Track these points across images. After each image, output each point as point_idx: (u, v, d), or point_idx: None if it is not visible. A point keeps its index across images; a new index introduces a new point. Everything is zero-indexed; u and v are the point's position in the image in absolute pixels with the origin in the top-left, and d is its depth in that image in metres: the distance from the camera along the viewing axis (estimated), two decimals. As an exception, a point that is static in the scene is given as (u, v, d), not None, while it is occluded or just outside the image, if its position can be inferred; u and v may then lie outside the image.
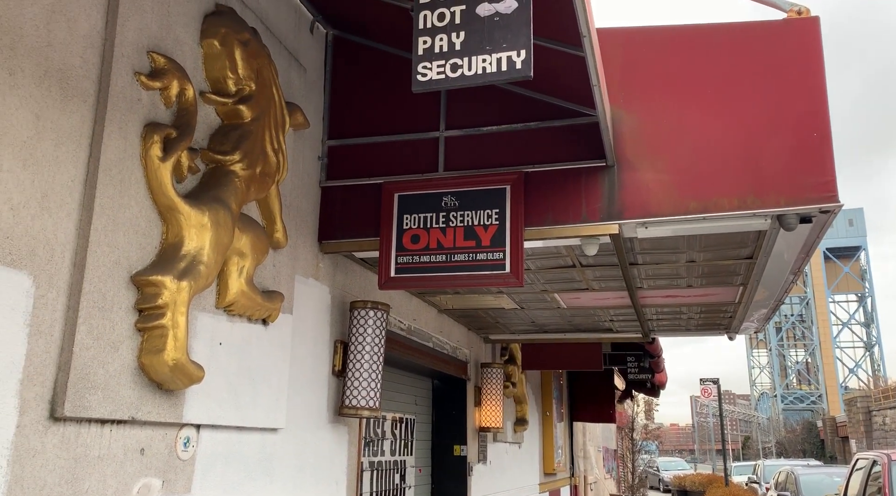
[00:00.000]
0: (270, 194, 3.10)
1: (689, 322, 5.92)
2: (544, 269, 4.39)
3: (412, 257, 3.55)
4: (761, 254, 3.79)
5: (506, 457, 7.40)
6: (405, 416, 5.58)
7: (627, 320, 5.89)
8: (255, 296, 2.89)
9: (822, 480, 11.89)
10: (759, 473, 18.55)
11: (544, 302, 5.26)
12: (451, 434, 6.11)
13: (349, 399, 3.69)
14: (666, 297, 4.98)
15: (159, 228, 2.45)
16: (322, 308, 3.76)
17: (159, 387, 2.34)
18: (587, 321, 6.03)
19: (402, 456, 5.46)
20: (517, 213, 3.45)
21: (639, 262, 4.15)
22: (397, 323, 4.76)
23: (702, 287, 4.63)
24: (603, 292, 4.88)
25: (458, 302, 5.38)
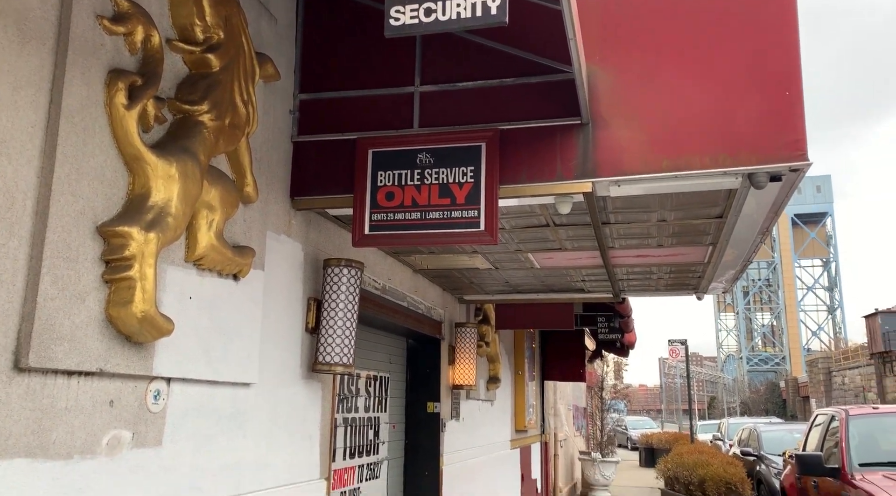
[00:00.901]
0: (240, 147, 3.04)
1: (658, 282, 6.01)
2: (518, 229, 4.40)
3: (386, 215, 3.53)
4: (731, 214, 3.84)
5: (478, 414, 7.52)
6: (379, 374, 5.62)
7: (599, 280, 5.96)
8: (226, 251, 2.85)
9: (783, 436, 12.32)
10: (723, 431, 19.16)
11: (518, 262, 5.29)
12: (425, 391, 6.18)
13: (323, 355, 3.70)
14: (637, 257, 5.03)
15: (125, 179, 2.39)
16: (295, 265, 3.73)
17: (128, 339, 2.32)
18: (560, 281, 6.08)
19: (376, 412, 5.51)
20: (492, 170, 3.43)
21: (611, 222, 4.17)
22: (372, 282, 4.75)
23: (672, 247, 4.69)
24: (575, 252, 4.92)
25: (432, 262, 5.39)
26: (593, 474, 13.64)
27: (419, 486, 5.96)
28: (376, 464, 5.44)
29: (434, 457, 6.02)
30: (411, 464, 6.02)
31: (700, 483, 8.66)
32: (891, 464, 5.87)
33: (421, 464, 6.01)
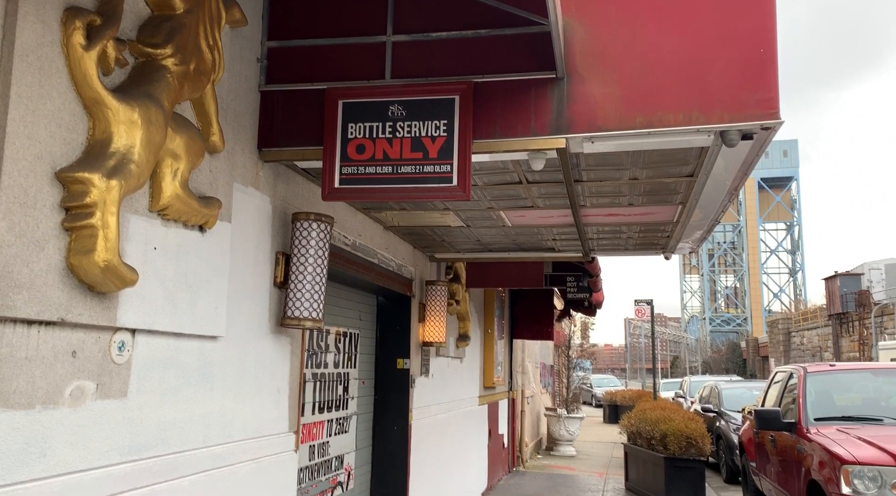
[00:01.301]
0: (206, 94, 2.94)
1: (628, 241, 6.06)
2: (491, 186, 4.37)
3: (357, 168, 3.47)
4: (702, 173, 3.86)
5: (448, 371, 7.59)
6: (349, 331, 5.62)
7: (569, 239, 5.99)
8: (191, 201, 2.78)
9: (743, 394, 12.73)
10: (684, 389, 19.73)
11: (490, 220, 5.28)
12: (395, 348, 6.21)
13: (291, 310, 3.67)
14: (608, 216, 5.06)
15: (85, 123, 2.29)
16: (263, 218, 3.67)
17: (90, 289, 2.26)
18: (531, 240, 6.10)
19: (346, 368, 5.53)
20: (465, 124, 3.38)
21: (583, 179, 4.17)
22: (342, 238, 4.71)
23: (643, 206, 4.71)
24: (547, 210, 4.92)
25: (404, 219, 5.35)
26: (559, 430, 13.98)
27: (388, 441, 6.03)
28: (345, 419, 5.48)
29: (403, 413, 6.09)
30: (380, 420, 6.08)
31: (662, 438, 8.91)
32: (845, 419, 6.11)
33: (390, 419, 6.08)
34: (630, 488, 10.01)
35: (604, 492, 9.80)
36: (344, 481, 5.42)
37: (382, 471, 6.01)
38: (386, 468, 6.01)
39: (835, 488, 5.11)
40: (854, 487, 4.94)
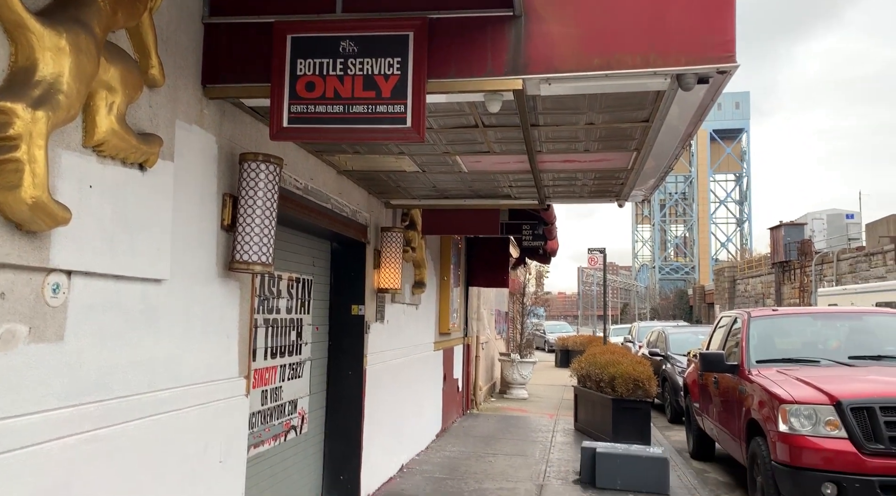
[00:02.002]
0: (143, 23, 2.76)
1: (583, 189, 6.07)
2: (447, 129, 4.28)
3: (307, 107, 3.34)
4: (657, 118, 3.85)
5: (403, 317, 7.61)
6: (302, 277, 5.54)
7: (525, 186, 5.96)
8: (129, 137, 2.63)
9: (688, 338, 13.17)
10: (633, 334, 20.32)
11: (446, 165, 5.20)
12: (350, 294, 6.16)
13: (239, 254, 3.57)
14: (563, 162, 5.03)
15: (7, 49, 2.12)
16: (208, 158, 3.52)
17: (18, 227, 2.12)
18: (487, 187, 6.05)
19: (299, 314, 5.47)
20: (420, 62, 3.27)
21: (540, 124, 4.11)
22: (293, 181, 4.58)
23: (598, 152, 4.70)
24: (504, 156, 4.87)
25: (358, 162, 5.23)
26: (512, 374, 14.29)
27: (342, 385, 6.05)
28: (299, 364, 5.45)
29: (358, 358, 6.09)
30: (335, 365, 6.08)
31: (610, 380, 9.18)
32: (785, 361, 6.37)
33: (345, 364, 6.08)
34: (579, 428, 10.34)
35: (553, 433, 10.10)
36: (298, 425, 5.43)
37: (337, 415, 6.04)
38: (340, 412, 6.04)
39: (772, 426, 5.35)
40: (790, 425, 5.17)
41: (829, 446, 4.97)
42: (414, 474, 7.23)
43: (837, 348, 6.60)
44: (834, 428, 5.00)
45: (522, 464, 7.91)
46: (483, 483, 6.93)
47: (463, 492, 6.56)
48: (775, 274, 39.30)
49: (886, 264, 28.52)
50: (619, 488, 6.78)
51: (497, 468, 7.64)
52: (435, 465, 7.67)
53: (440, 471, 7.43)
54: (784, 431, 5.21)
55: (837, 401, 5.03)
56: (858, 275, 30.20)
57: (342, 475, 6.00)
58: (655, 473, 6.77)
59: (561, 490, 6.76)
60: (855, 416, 4.95)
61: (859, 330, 6.83)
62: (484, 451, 8.55)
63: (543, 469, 7.66)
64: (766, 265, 41.90)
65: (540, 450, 8.78)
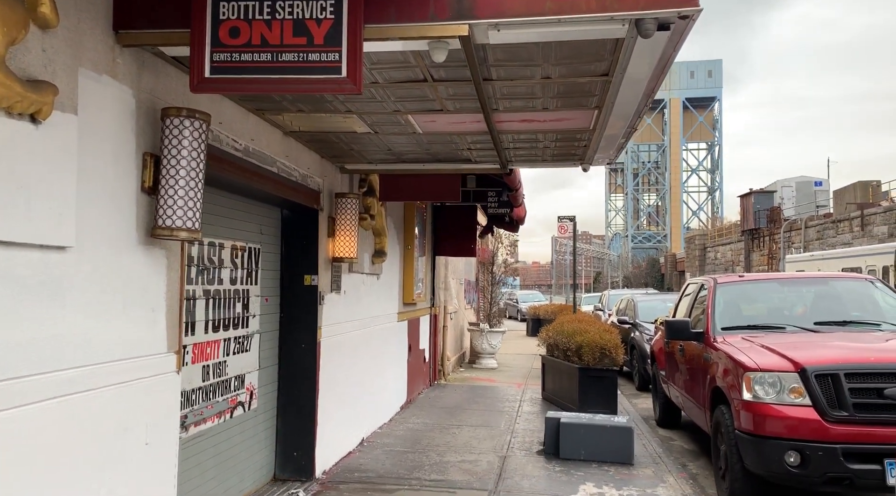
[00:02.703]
0: (25, -48, 2.40)
1: (545, 151, 5.82)
2: (393, 84, 3.97)
3: (231, 55, 3.01)
4: (617, 71, 3.58)
5: (362, 288, 7.34)
6: (248, 245, 5.23)
7: (485, 149, 5.69)
8: (12, 84, 2.30)
9: (657, 306, 13.12)
10: (603, 302, 20.34)
11: (398, 125, 4.89)
12: (302, 264, 5.87)
13: (163, 219, 3.26)
14: (522, 122, 4.76)
15: None
16: (124, 113, 3.18)
17: None
18: (445, 149, 5.76)
19: (245, 285, 5.18)
20: (356, 5, 2.96)
21: (493, 78, 3.83)
22: (230, 142, 4.25)
23: (557, 110, 4.43)
24: (458, 114, 4.58)
25: (304, 122, 4.90)
26: (481, 343, 14.17)
27: (295, 359, 5.79)
28: (246, 338, 5.17)
29: (311, 330, 5.83)
30: (287, 337, 5.81)
31: (577, 349, 9.06)
32: (751, 328, 6.25)
33: (297, 336, 5.81)
34: (546, 398, 10.25)
35: (521, 403, 10.00)
36: (245, 401, 5.17)
37: (289, 390, 5.79)
38: (293, 387, 5.79)
39: (737, 394, 5.23)
40: (755, 393, 5.05)
41: (793, 414, 4.86)
42: (374, 448, 7.05)
43: (803, 314, 6.50)
44: (798, 395, 4.89)
45: (487, 435, 7.78)
46: (445, 456, 6.77)
47: (423, 465, 6.40)
48: (745, 241, 39.71)
49: (853, 231, 28.90)
50: (584, 458, 6.67)
51: (460, 440, 7.49)
52: (397, 438, 7.50)
53: (402, 444, 7.25)
54: (748, 399, 5.08)
55: (802, 368, 4.91)
56: (826, 242, 30.59)
57: (296, 451, 5.77)
58: (620, 443, 6.67)
59: (524, 462, 6.63)
60: (819, 383, 4.83)
61: (825, 295, 6.73)
62: (448, 423, 8.40)
63: (508, 440, 7.53)
64: (736, 233, 42.31)
65: (506, 420, 8.66)
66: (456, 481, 5.92)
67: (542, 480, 6.01)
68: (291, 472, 5.77)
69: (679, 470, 6.52)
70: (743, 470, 5.16)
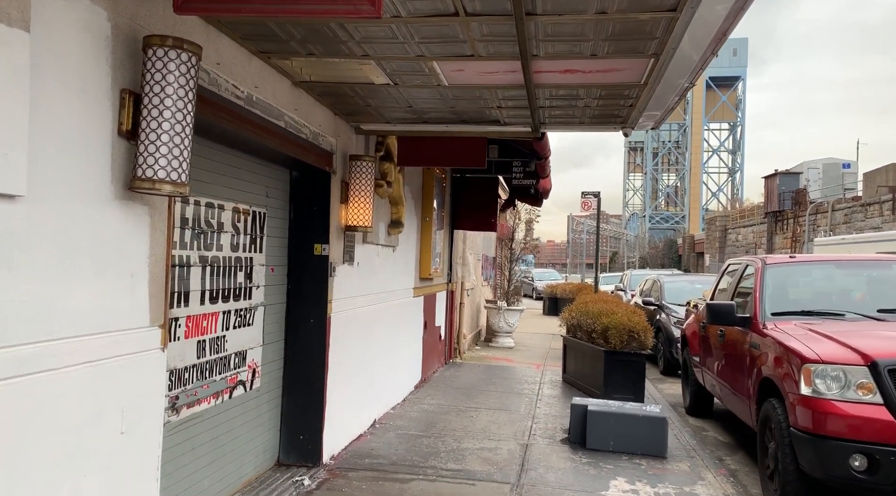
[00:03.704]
0: None
1: (584, 112, 5.21)
2: (419, 19, 3.38)
3: (225, -32, 2.46)
4: (688, 5, 2.99)
5: (377, 260, 6.82)
6: (253, 209, 4.71)
7: (517, 107, 5.10)
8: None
9: (684, 287, 12.52)
10: (625, 282, 19.73)
11: (421, 74, 4.32)
12: (312, 232, 5.35)
13: (142, 169, 2.73)
14: (564, 73, 4.17)
15: None
16: (97, 39, 2.64)
17: None
18: (472, 108, 5.18)
19: (249, 252, 4.67)
20: None
21: (537, 12, 3.23)
22: (231, 88, 3.70)
23: (607, 58, 3.84)
24: (491, 62, 4.00)
25: (315, 70, 4.34)
26: (498, 322, 13.66)
27: (303, 334, 5.30)
28: (249, 311, 4.68)
29: (321, 304, 5.32)
30: (294, 311, 5.31)
31: (603, 331, 8.52)
32: (804, 314, 5.66)
33: (306, 310, 5.31)
34: (567, 380, 9.74)
35: (540, 385, 9.50)
36: (247, 379, 4.69)
37: (296, 368, 5.31)
38: (300, 364, 5.31)
39: (793, 387, 4.67)
40: (815, 387, 4.49)
41: (861, 413, 4.30)
42: (387, 430, 6.58)
43: (863, 300, 5.89)
44: (867, 392, 4.32)
45: (506, 419, 7.29)
46: (462, 441, 6.28)
47: (439, 452, 5.92)
48: (768, 223, 38.75)
49: (883, 214, 27.96)
50: (612, 449, 6.16)
51: (479, 424, 7.00)
52: (411, 420, 7.03)
53: (416, 426, 6.78)
54: (806, 395, 4.53)
55: (873, 362, 4.34)
56: (853, 226, 29.65)
57: (302, 434, 5.31)
58: (653, 434, 6.14)
59: (548, 451, 6.13)
60: (894, 379, 4.26)
61: (888, 280, 6.11)
62: (465, 405, 7.92)
63: (529, 426, 7.03)
64: (759, 214, 41.32)
65: (526, 403, 8.16)
66: (475, 471, 5.44)
67: (568, 473, 5.51)
68: (297, 457, 5.31)
69: (717, 465, 6.00)
70: (797, 471, 4.62)
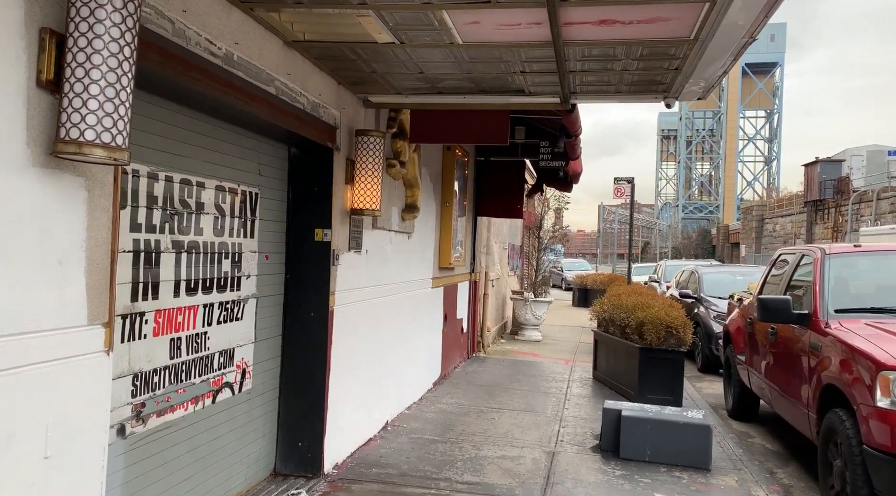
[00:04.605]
0: None
1: (622, 77, 4.55)
2: (422, -46, 2.78)
3: None
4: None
5: (389, 248, 6.25)
6: (242, 188, 4.16)
7: (544, 72, 4.46)
8: None
9: (724, 279, 11.73)
10: (659, 273, 18.87)
11: (431, 29, 3.70)
12: (313, 215, 4.79)
13: (67, 129, 2.18)
14: (599, 24, 3.52)
15: None
16: (3, -38, 2.08)
17: None
18: (492, 73, 4.55)
19: (237, 237, 4.12)
20: None
21: (567, -63, 2.60)
22: (204, 43, 3.14)
23: (652, 1, 3.18)
24: (512, 10, 3.37)
25: (308, 26, 3.76)
26: (524, 313, 13.04)
27: (302, 329, 4.75)
28: (236, 303, 4.14)
29: (322, 295, 4.77)
30: (293, 303, 4.77)
31: (638, 326, 7.85)
32: (874, 311, 4.94)
33: (305, 302, 4.76)
34: (598, 378, 9.09)
35: (569, 383, 8.87)
36: (235, 381, 4.16)
37: (295, 367, 4.77)
38: (300, 362, 4.77)
39: (865, 398, 3.98)
40: (894, 398, 3.80)
41: (953, 430, 3.60)
42: (399, 434, 6.02)
43: (942, 296, 5.14)
44: (961, 406, 3.62)
45: (531, 422, 6.68)
46: (482, 448, 5.70)
47: (455, 461, 5.34)
48: (807, 213, 37.34)
49: (933, 204, 26.57)
50: (649, 460, 5.52)
51: (501, 428, 6.41)
52: (427, 422, 6.46)
53: (432, 429, 6.21)
54: (884, 407, 3.84)
55: (968, 370, 3.63)
56: (900, 216, 28.29)
57: (301, 441, 4.77)
58: (695, 443, 5.48)
59: (577, 461, 5.51)
60: None
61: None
62: (487, 405, 7.33)
63: (556, 430, 6.42)
64: (798, 204, 39.88)
65: (553, 404, 7.54)
66: (494, 485, 4.84)
67: (599, 489, 4.89)
68: (296, 466, 4.77)
69: (768, 479, 5.32)
70: (871, 495, 3.94)
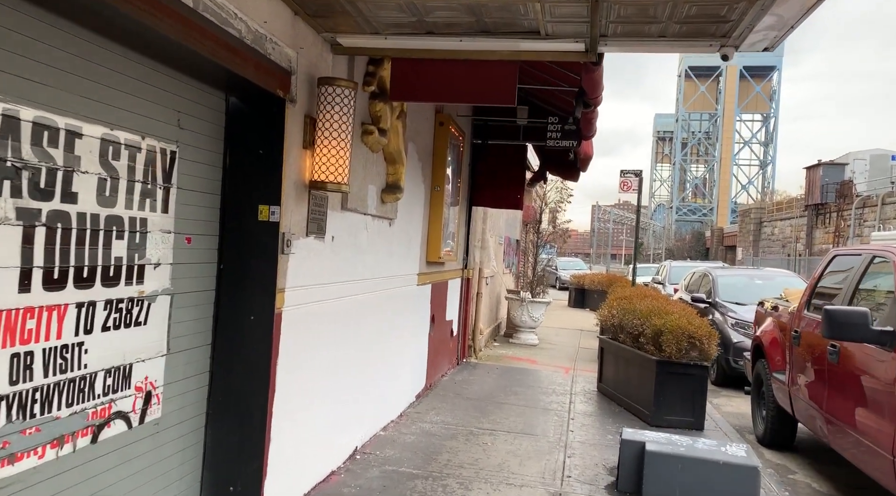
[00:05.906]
0: None
1: (671, 14, 3.41)
2: None
3: None
4: None
5: (364, 235, 5.09)
6: (147, 141, 2.99)
7: (567, 3, 3.32)
8: None
9: (740, 282, 10.65)
10: (663, 275, 17.78)
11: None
12: (257, 187, 3.63)
13: None
14: None
15: None
16: None
17: None
18: (498, 5, 3.41)
19: (139, 210, 2.95)
20: None
21: None
22: None
23: None
24: None
25: None
26: (520, 315, 11.91)
27: (238, 337, 3.59)
28: (136, 302, 2.96)
29: (266, 292, 3.61)
30: (228, 304, 3.60)
31: (654, 335, 6.75)
32: None
33: (245, 303, 3.61)
34: (604, 392, 7.97)
35: (572, 396, 7.75)
36: (133, 409, 2.99)
37: (227, 386, 3.61)
38: (234, 381, 3.61)
39: None
40: None
41: None
42: (370, 465, 4.87)
43: None
44: None
45: (531, 449, 5.55)
46: (471, 487, 4.56)
47: (437, 506, 4.20)
48: (808, 217, 36.40)
49: (941, 210, 25.63)
50: (680, 508, 4.41)
51: (494, 457, 5.27)
52: (405, 448, 5.32)
53: (410, 459, 5.07)
54: None
55: None
56: (906, 221, 27.35)
57: (234, 483, 3.61)
58: (738, 490, 4.37)
59: (590, 508, 4.39)
60: None
61: None
62: (478, 425, 6.19)
63: (561, 461, 5.29)
64: (798, 207, 38.95)
65: (555, 425, 6.41)
66: (486, 545, 3.71)
67: (623, 552, 3.77)
68: (226, 517, 3.62)
69: (830, 538, 4.22)
70: None
